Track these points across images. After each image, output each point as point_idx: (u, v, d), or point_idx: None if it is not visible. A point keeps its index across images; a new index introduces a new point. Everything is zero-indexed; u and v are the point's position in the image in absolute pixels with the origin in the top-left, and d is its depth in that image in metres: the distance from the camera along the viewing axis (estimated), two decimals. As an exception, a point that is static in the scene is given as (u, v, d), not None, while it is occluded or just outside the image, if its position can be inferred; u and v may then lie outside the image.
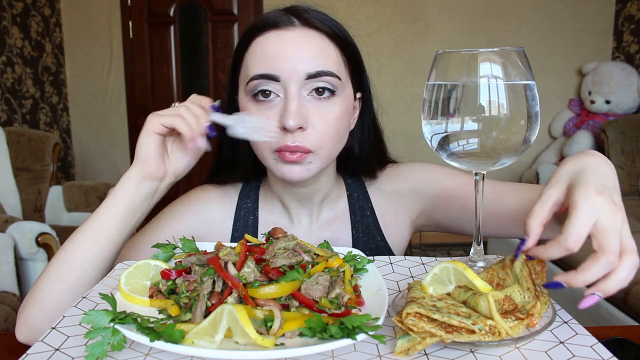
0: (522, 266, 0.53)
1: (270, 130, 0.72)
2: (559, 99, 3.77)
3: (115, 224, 0.73)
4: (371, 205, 0.93)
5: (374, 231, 0.92)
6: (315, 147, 0.76)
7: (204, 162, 0.86)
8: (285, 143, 0.74)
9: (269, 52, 0.75)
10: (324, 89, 0.76)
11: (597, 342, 0.48)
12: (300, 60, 0.74)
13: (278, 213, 0.92)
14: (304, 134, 0.75)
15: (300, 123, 0.73)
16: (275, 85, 0.75)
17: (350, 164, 0.90)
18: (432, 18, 3.74)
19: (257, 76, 0.76)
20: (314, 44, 0.76)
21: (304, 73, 0.74)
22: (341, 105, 0.78)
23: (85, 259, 0.72)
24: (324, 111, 0.76)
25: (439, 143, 0.59)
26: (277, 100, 0.76)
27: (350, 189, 0.94)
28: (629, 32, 3.59)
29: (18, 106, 3.34)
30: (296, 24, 0.76)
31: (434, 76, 0.58)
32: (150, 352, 0.48)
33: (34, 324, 0.71)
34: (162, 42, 3.83)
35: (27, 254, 2.20)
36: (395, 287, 0.64)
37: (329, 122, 0.76)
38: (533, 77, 0.57)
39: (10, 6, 3.28)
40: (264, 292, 0.51)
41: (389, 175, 0.94)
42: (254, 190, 0.93)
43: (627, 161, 3.31)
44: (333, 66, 0.76)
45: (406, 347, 0.47)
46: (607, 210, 0.48)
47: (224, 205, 0.92)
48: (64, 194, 3.03)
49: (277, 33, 0.76)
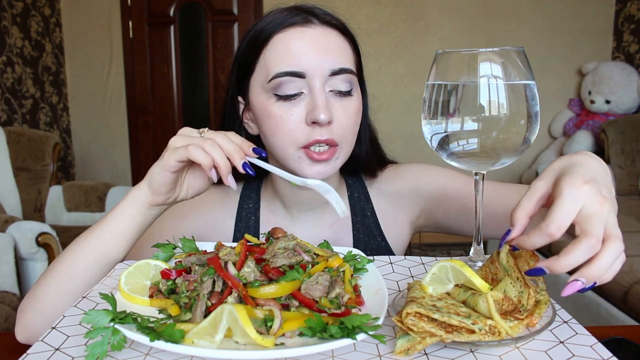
0: (507, 257, 0.54)
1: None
2: (559, 99, 3.77)
3: (120, 243, 0.71)
4: (372, 205, 0.93)
5: (375, 231, 0.92)
6: (341, 140, 0.78)
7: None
8: (316, 137, 0.75)
9: (293, 48, 0.76)
10: (345, 85, 0.78)
11: (597, 342, 0.48)
12: (325, 57, 0.76)
13: (280, 214, 0.92)
14: (330, 128, 0.76)
15: (330, 117, 0.75)
16: (300, 82, 0.76)
17: (350, 163, 0.90)
18: (432, 18, 3.74)
19: (282, 73, 0.75)
20: (335, 41, 0.78)
21: (328, 69, 0.76)
22: (358, 102, 0.80)
23: (89, 273, 0.71)
24: (345, 106, 0.78)
25: (439, 143, 0.59)
26: (302, 97, 0.76)
27: (351, 189, 0.94)
28: (629, 32, 3.59)
29: (18, 106, 3.34)
30: (315, 22, 0.78)
31: (434, 76, 0.58)
32: (150, 352, 0.48)
33: (35, 330, 0.71)
34: (162, 42, 3.83)
35: (27, 254, 2.20)
36: (395, 287, 0.64)
37: (350, 117, 0.78)
38: (533, 77, 0.57)
39: (10, 6, 3.28)
40: (264, 292, 0.51)
41: (389, 175, 0.95)
42: (255, 190, 0.93)
43: (627, 161, 3.31)
44: (351, 64, 0.79)
45: (406, 346, 0.47)
46: (593, 199, 0.48)
47: (226, 206, 0.92)
48: (64, 193, 3.03)
49: (300, 30, 0.77)
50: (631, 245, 2.28)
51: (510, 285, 0.52)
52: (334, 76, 0.76)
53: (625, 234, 0.48)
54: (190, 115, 3.93)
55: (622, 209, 2.57)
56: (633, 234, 2.46)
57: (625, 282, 2.01)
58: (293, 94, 0.76)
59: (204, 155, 0.64)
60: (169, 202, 0.72)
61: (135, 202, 0.70)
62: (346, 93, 0.78)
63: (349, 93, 0.78)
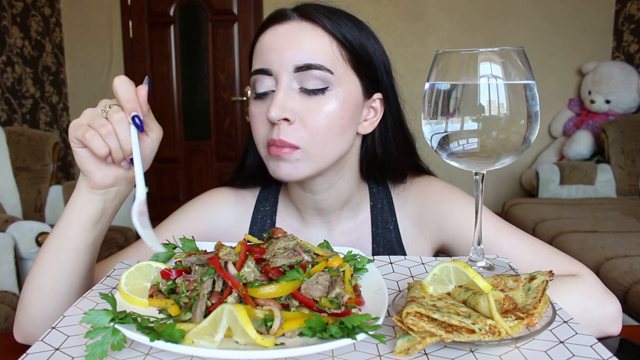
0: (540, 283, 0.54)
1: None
2: (559, 98, 3.77)
3: (75, 232, 0.70)
4: (395, 218, 0.88)
5: (396, 247, 0.87)
6: (303, 143, 0.73)
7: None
8: (270, 137, 0.74)
9: (264, 47, 0.76)
10: (314, 83, 0.73)
11: (597, 342, 0.48)
12: (289, 52, 0.73)
13: (296, 220, 0.89)
14: (290, 128, 0.73)
15: (283, 114, 0.71)
16: (269, 81, 0.75)
17: (373, 168, 0.85)
18: (432, 18, 3.74)
19: (254, 72, 0.76)
20: (306, 36, 0.74)
21: (292, 65, 0.73)
22: (335, 101, 0.74)
23: (57, 270, 0.70)
24: (314, 106, 0.73)
25: (438, 143, 0.59)
26: (271, 95, 0.75)
27: (375, 198, 0.89)
28: (629, 32, 3.59)
29: (18, 106, 3.34)
30: (293, 18, 0.76)
31: (434, 76, 0.58)
32: (150, 351, 0.48)
33: (24, 331, 0.72)
34: (162, 42, 3.83)
35: (27, 254, 2.20)
36: (395, 286, 0.64)
37: (319, 118, 0.73)
38: (533, 77, 0.57)
39: (10, 6, 3.28)
40: (264, 291, 0.51)
41: (419, 189, 0.88)
42: (274, 193, 0.91)
43: (627, 161, 3.31)
44: (324, 60, 0.73)
45: (406, 346, 0.47)
46: None
47: (240, 209, 0.90)
48: (64, 193, 3.03)
49: (274, 28, 0.76)
50: (631, 245, 2.28)
51: (520, 296, 0.53)
52: (300, 72, 0.72)
53: (625, 234, 0.48)
54: (190, 115, 3.93)
55: (622, 209, 2.58)
56: (633, 233, 2.46)
57: (625, 282, 2.01)
58: (263, 92, 0.76)
59: (102, 145, 0.63)
60: (108, 183, 0.68)
61: (79, 189, 0.70)
62: (315, 91, 0.73)
63: (319, 91, 0.73)
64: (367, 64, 0.79)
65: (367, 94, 0.80)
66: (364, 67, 0.78)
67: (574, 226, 2.63)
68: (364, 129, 0.81)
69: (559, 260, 0.80)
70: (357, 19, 0.80)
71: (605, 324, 0.73)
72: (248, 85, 3.83)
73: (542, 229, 2.74)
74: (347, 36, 0.76)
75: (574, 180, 3.31)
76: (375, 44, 0.81)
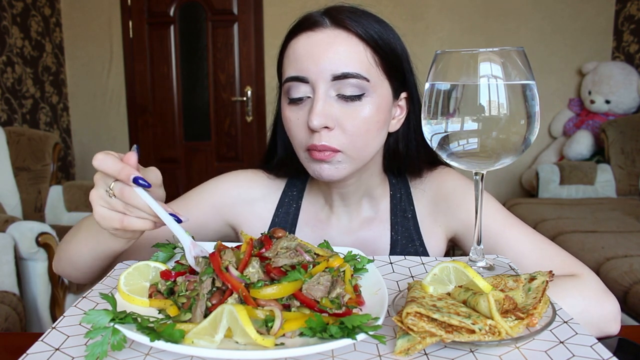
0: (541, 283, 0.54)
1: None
2: (559, 98, 3.77)
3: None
4: (413, 207, 0.91)
5: (414, 235, 0.90)
6: (344, 147, 0.77)
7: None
8: (312, 143, 0.76)
9: (299, 54, 0.77)
10: (351, 90, 0.76)
11: (597, 342, 0.48)
12: (326, 61, 0.75)
13: (320, 206, 0.93)
14: (331, 134, 0.76)
15: (325, 123, 0.74)
16: (305, 87, 0.77)
17: (394, 163, 0.89)
18: (432, 18, 3.74)
19: (289, 78, 0.78)
20: (342, 45, 0.76)
21: (329, 74, 0.75)
22: (372, 106, 0.77)
23: (89, 257, 0.78)
24: (352, 112, 0.76)
25: (439, 143, 0.59)
26: (307, 101, 0.77)
27: (394, 189, 0.93)
28: (629, 32, 3.59)
29: (18, 106, 3.34)
30: (327, 25, 0.77)
31: (434, 76, 0.58)
32: (150, 352, 0.48)
33: (63, 273, 0.86)
34: (162, 42, 3.83)
35: (27, 254, 2.20)
36: (395, 287, 0.64)
37: (358, 123, 0.76)
38: (533, 77, 0.57)
39: (10, 6, 3.27)
40: (266, 292, 0.51)
41: (435, 177, 0.92)
42: (302, 180, 0.96)
43: (627, 161, 3.31)
44: (361, 68, 0.76)
45: (406, 346, 0.47)
46: None
47: (270, 190, 0.95)
48: (64, 193, 3.03)
49: (307, 35, 0.77)
50: (631, 245, 2.28)
51: (520, 296, 0.53)
52: (337, 80, 0.75)
53: (625, 234, 0.48)
54: (190, 115, 3.93)
55: (622, 209, 2.59)
56: (633, 233, 2.46)
57: (625, 282, 2.01)
58: (299, 98, 0.78)
59: (142, 222, 0.63)
60: (137, 236, 0.70)
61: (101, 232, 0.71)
62: (353, 98, 0.76)
63: (356, 97, 0.76)
64: (396, 66, 0.82)
65: (395, 95, 0.83)
66: (393, 70, 0.81)
67: (574, 226, 2.63)
68: (393, 127, 0.85)
69: (561, 259, 0.82)
70: (383, 20, 0.83)
71: (604, 324, 0.74)
72: (248, 85, 3.83)
73: (542, 229, 2.74)
74: (379, 42, 0.79)
75: (574, 180, 3.31)
76: (400, 43, 0.84)
